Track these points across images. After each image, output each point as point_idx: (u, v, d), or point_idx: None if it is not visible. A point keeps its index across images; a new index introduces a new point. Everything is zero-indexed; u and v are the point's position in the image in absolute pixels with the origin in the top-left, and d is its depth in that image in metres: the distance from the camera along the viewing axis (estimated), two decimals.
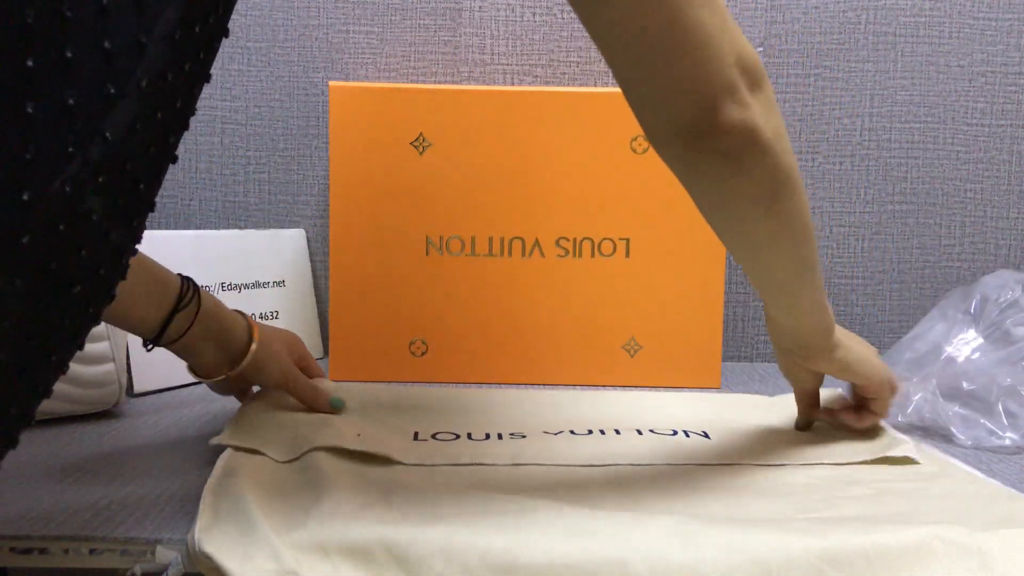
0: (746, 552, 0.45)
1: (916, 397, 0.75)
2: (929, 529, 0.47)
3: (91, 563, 0.50)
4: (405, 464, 0.62)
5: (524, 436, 0.70)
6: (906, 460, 0.65)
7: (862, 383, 0.68)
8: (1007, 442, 0.71)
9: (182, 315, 0.65)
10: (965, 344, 0.75)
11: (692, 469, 0.63)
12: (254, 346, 0.69)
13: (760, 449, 0.68)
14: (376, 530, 0.47)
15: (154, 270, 0.65)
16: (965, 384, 0.74)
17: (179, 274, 0.66)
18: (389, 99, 0.90)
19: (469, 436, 0.70)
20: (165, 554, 0.50)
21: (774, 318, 0.65)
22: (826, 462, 0.65)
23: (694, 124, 0.47)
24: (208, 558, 0.46)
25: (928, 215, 1.06)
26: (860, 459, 0.66)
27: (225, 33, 0.42)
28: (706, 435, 0.72)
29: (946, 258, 1.07)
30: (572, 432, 0.71)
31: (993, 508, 0.55)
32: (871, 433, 0.71)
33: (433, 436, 0.70)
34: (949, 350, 0.75)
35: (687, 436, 0.71)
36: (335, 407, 0.74)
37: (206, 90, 1.02)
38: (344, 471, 0.59)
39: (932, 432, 0.74)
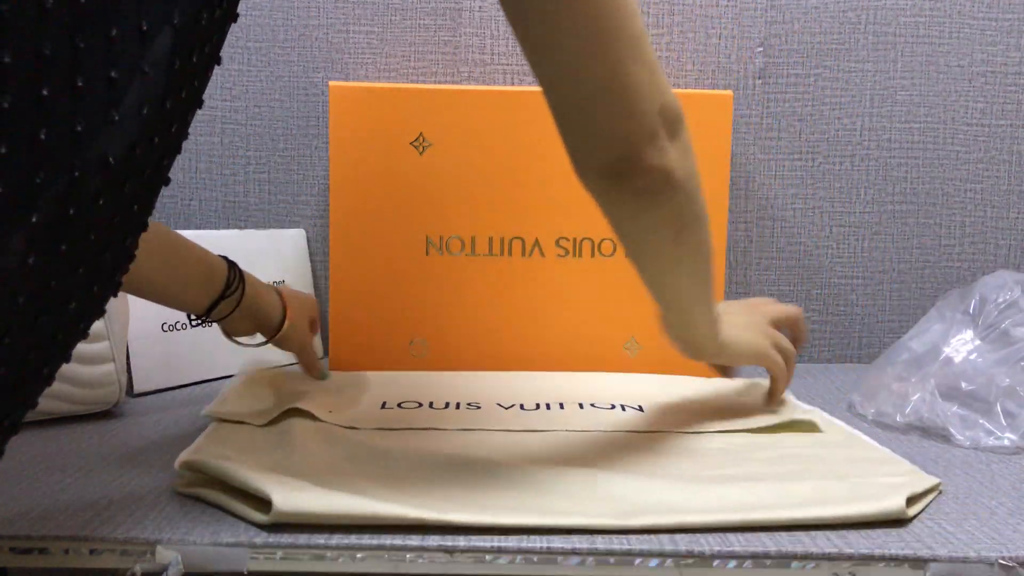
0: (652, 496, 0.56)
1: (914, 397, 0.75)
2: (804, 484, 0.58)
3: (91, 563, 0.51)
4: (367, 429, 0.71)
5: (479, 407, 0.78)
6: (811, 427, 0.74)
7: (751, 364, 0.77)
8: (1006, 442, 0.71)
9: (227, 300, 0.74)
10: (963, 344, 0.75)
11: (623, 435, 0.72)
12: (285, 326, 0.80)
13: (685, 419, 0.77)
14: (339, 481, 0.56)
15: (204, 257, 0.73)
16: (964, 384, 0.74)
17: (224, 258, 0.74)
18: (389, 99, 0.90)
19: (431, 405, 0.79)
20: (165, 554, 0.50)
21: (669, 326, 0.71)
22: (739, 429, 0.74)
23: (620, 165, 0.52)
24: (193, 466, 0.58)
25: (928, 215, 1.06)
26: (769, 424, 0.74)
27: (218, 62, 0.44)
28: (640, 408, 0.80)
29: (946, 258, 1.07)
30: (522, 407, 0.79)
31: (877, 468, 0.63)
32: (784, 407, 0.80)
33: (399, 405, 0.79)
34: (947, 350, 0.75)
35: (623, 410, 0.79)
36: (323, 377, 0.87)
37: (206, 90, 1.02)
38: (315, 434, 0.68)
39: (930, 432, 0.74)
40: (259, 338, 0.82)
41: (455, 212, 0.91)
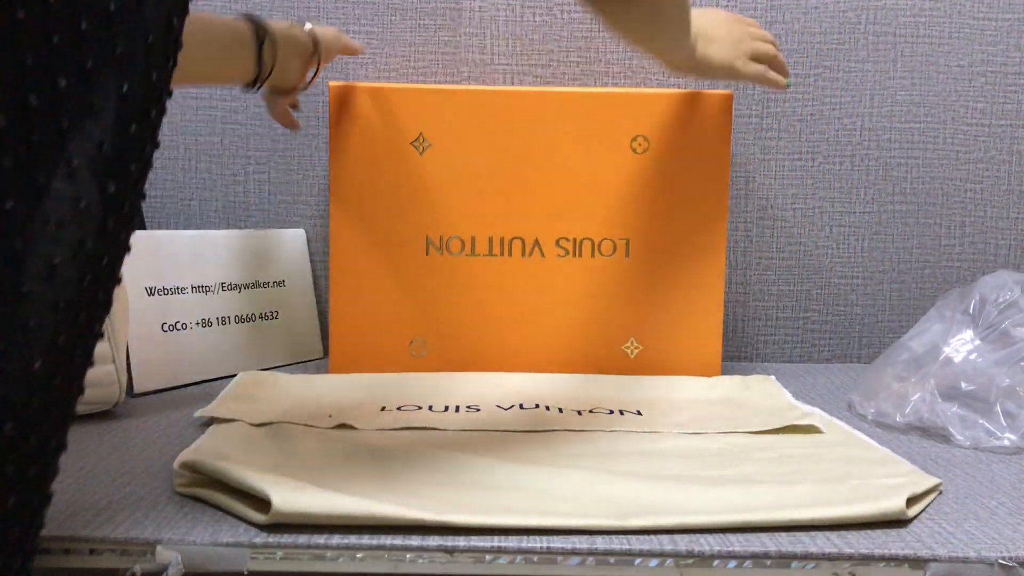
0: (643, 498, 0.56)
1: (914, 397, 0.75)
2: (804, 485, 0.58)
3: (91, 563, 0.51)
4: (367, 430, 0.71)
5: (479, 409, 0.79)
6: (812, 429, 0.74)
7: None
8: (1006, 442, 0.71)
9: (266, 50, 0.75)
10: (963, 344, 0.75)
11: (623, 436, 0.72)
12: (318, 37, 0.84)
13: (685, 421, 0.77)
14: (338, 482, 0.56)
15: (223, 25, 0.73)
16: (964, 384, 0.74)
17: (241, 17, 0.75)
18: (389, 99, 0.90)
19: (430, 408, 0.79)
20: (165, 554, 0.50)
21: (670, 61, 0.78)
22: (740, 431, 0.74)
23: None
24: (191, 466, 0.57)
25: (928, 215, 1.06)
26: (769, 427, 0.74)
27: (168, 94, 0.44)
28: (639, 413, 0.80)
29: (946, 258, 1.07)
30: (521, 406, 0.80)
31: (877, 468, 0.63)
32: (783, 408, 0.80)
33: (398, 408, 0.78)
34: (947, 350, 0.75)
35: (622, 414, 0.79)
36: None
37: (206, 90, 1.03)
38: (314, 435, 0.68)
39: (930, 432, 0.74)
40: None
41: (455, 212, 0.91)
